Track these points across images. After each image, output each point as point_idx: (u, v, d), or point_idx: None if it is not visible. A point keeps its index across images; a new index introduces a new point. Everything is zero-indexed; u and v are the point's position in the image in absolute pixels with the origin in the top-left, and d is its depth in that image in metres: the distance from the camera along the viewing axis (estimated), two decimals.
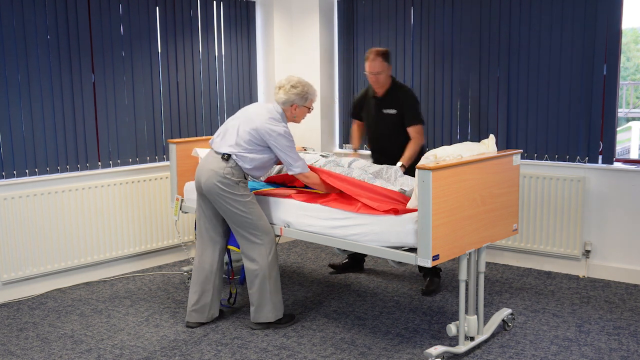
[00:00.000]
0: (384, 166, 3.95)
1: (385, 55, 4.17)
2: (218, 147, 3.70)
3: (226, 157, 3.63)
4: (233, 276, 4.09)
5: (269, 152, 3.68)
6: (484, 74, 4.94)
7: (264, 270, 3.67)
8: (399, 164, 4.09)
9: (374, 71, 4.15)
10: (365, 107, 4.48)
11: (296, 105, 3.73)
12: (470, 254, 3.34)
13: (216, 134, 3.79)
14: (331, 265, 4.83)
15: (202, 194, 3.73)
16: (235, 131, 3.67)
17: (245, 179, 3.70)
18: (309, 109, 3.82)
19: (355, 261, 4.80)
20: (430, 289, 4.30)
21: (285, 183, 3.99)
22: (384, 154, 4.34)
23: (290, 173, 3.68)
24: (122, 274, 4.91)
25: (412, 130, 4.20)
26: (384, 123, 4.32)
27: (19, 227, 4.35)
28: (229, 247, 3.97)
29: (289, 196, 3.73)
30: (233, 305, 4.10)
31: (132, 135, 4.95)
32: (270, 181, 4.06)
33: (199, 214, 3.84)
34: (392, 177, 3.81)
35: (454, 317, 3.86)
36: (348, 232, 3.37)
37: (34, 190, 4.40)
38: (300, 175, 3.66)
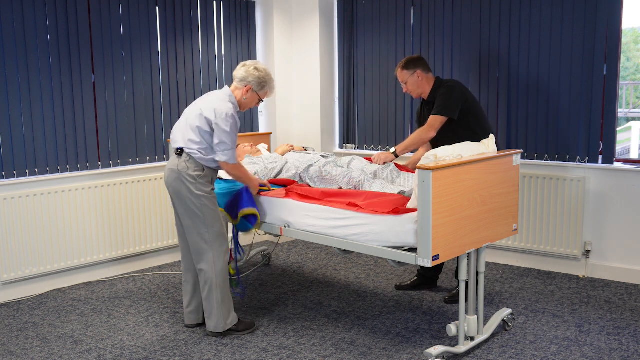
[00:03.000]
0: (382, 165, 3.95)
1: (406, 63, 4.05)
2: (172, 143, 3.60)
3: (179, 152, 3.51)
4: (232, 258, 4.02)
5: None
6: (484, 74, 4.94)
7: (211, 279, 3.58)
8: (392, 149, 4.02)
9: (400, 81, 4.12)
10: (422, 118, 4.20)
11: (250, 87, 3.59)
12: (470, 254, 3.34)
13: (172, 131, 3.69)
14: (398, 287, 4.43)
15: (171, 196, 3.66)
16: (185, 123, 3.55)
17: (204, 171, 3.54)
18: (260, 100, 3.69)
19: (426, 279, 4.42)
20: (456, 299, 4.11)
21: (287, 185, 3.98)
22: None
23: (216, 158, 3.51)
24: (122, 274, 4.91)
25: (430, 118, 3.95)
26: None
27: (19, 227, 4.35)
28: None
29: (287, 195, 3.72)
30: (238, 286, 4.01)
31: (132, 135, 4.95)
32: (272, 183, 4.06)
33: (175, 217, 3.73)
34: (389, 177, 3.81)
35: (454, 317, 3.86)
36: (348, 232, 3.37)
37: (34, 190, 4.40)
38: (224, 164, 3.52)
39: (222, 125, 3.45)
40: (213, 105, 3.49)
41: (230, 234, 4.11)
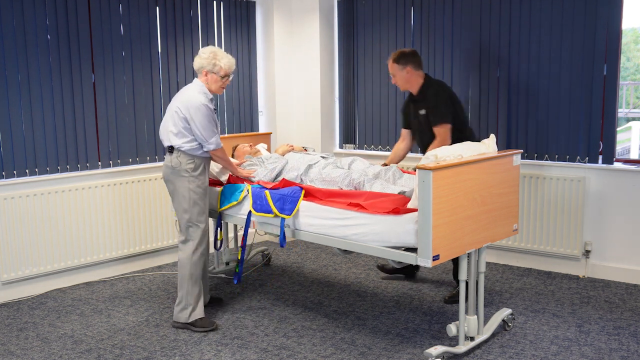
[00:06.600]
0: (384, 167, 3.95)
1: (397, 57, 4.07)
2: (162, 142, 3.80)
3: (170, 149, 3.71)
4: (243, 243, 3.98)
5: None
6: (484, 74, 4.94)
7: (185, 268, 3.76)
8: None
9: (390, 72, 4.14)
10: (408, 110, 4.30)
11: (206, 71, 3.72)
12: (470, 254, 3.34)
13: None
14: (379, 267, 4.73)
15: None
16: (167, 121, 3.72)
17: (194, 162, 3.69)
18: (222, 79, 3.76)
19: (406, 268, 4.60)
20: (455, 299, 4.11)
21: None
22: None
23: (205, 149, 3.70)
24: (122, 274, 4.91)
25: (435, 130, 4.01)
26: (421, 125, 4.13)
27: (19, 227, 4.35)
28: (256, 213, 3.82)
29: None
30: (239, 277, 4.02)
31: (132, 135, 4.95)
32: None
33: None
34: (391, 179, 3.81)
35: (454, 317, 3.86)
36: (348, 232, 3.37)
37: (34, 190, 4.40)
38: (211, 152, 3.74)
39: (196, 117, 3.63)
40: (185, 100, 3.67)
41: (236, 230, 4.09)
